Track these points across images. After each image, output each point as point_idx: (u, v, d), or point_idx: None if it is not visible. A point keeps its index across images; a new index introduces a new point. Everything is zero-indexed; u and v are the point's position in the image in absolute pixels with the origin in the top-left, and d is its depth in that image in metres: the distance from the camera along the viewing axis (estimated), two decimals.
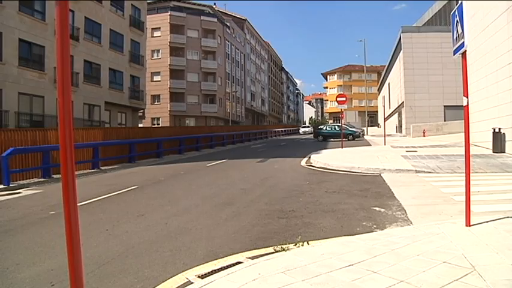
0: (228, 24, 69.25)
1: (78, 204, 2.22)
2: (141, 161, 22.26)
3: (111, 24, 33.81)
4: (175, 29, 58.14)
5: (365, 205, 8.38)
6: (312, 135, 54.84)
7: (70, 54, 2.29)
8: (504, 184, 10.69)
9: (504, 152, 18.77)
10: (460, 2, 5.86)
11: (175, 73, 58.05)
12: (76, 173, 2.09)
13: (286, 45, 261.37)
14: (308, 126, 79.18)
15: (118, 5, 35.25)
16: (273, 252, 5.31)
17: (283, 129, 69.85)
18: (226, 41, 67.00)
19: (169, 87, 57.57)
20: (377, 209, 8.00)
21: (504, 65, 19.39)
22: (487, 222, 5.93)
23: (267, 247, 5.68)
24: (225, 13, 73.72)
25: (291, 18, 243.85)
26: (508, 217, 6.12)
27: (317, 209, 8.24)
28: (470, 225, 5.76)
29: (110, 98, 33.82)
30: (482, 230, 5.56)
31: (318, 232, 6.46)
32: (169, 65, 57.66)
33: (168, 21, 57.69)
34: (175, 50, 58.45)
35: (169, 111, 57.38)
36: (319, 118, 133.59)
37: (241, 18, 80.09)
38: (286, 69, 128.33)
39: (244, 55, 78.42)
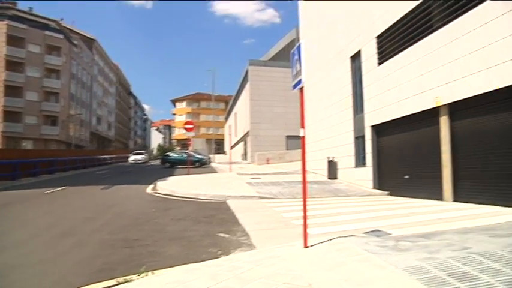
0: (75, 42, 65.65)
1: None
2: None
3: None
4: (13, 41, 53.09)
5: (210, 232, 8.49)
6: (146, 163, 53.27)
7: None
8: (336, 207, 11.79)
9: (337, 179, 20.71)
10: (299, 42, 6.42)
11: (12, 90, 52.80)
12: None
13: (136, 70, 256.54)
14: (142, 153, 58.70)
15: None
16: (116, 285, 5.07)
17: (129, 155, 66.53)
18: (73, 60, 63.36)
19: (3, 105, 52.12)
20: (222, 235, 8.16)
21: (335, 102, 21.62)
22: (321, 243, 6.43)
23: (109, 279, 5.39)
24: (73, 31, 69.78)
25: (142, 43, 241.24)
26: (338, 237, 6.72)
27: (163, 237, 8.12)
28: (307, 247, 6.19)
29: None
30: (318, 251, 6.02)
31: (163, 261, 6.34)
32: (5, 80, 52.32)
33: (5, 31, 52.47)
34: (13, 65, 53.29)
35: (2, 132, 51.85)
36: (167, 144, 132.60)
37: (90, 38, 76.65)
38: (135, 94, 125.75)
39: (91, 76, 74.92)
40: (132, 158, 54.54)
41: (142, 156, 55.97)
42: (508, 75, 10.16)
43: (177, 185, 17.74)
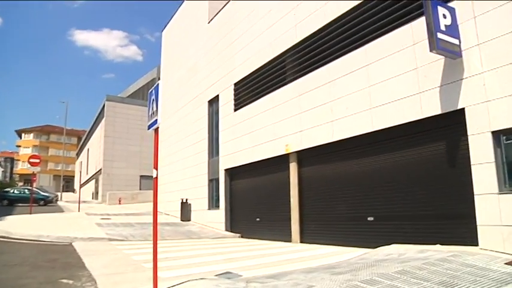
0: None
1: None
2: None
3: None
4: None
5: (52, 278, 7.76)
6: None
7: None
8: (189, 250, 11.69)
9: (190, 221, 20.66)
10: (157, 83, 6.42)
11: None
12: None
13: None
14: None
15: None
16: None
17: None
18: None
19: None
20: (65, 281, 7.51)
21: (192, 144, 21.90)
22: (172, 287, 6.28)
23: None
24: None
25: None
26: (190, 280, 6.64)
27: None
28: None
29: None
30: None
31: None
32: None
33: None
34: None
35: None
36: (8, 179, 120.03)
37: None
38: None
39: None
40: None
41: None
42: (348, 129, 11.36)
43: (15, 226, 16.00)
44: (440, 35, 8.14)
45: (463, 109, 8.29)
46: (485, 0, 8.05)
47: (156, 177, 6.31)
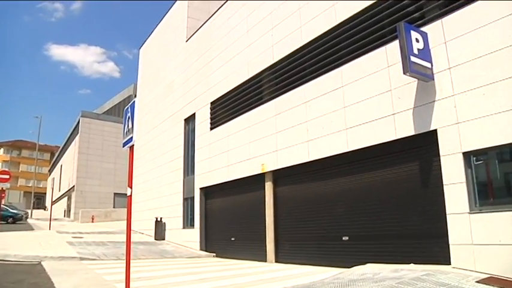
0: None
1: None
2: None
3: None
4: None
5: None
6: None
7: None
8: (163, 269, 11.50)
9: (164, 240, 20.39)
10: (133, 100, 6.38)
11: None
12: None
13: None
14: None
15: None
16: None
17: None
18: None
19: None
20: None
21: (167, 162, 21.77)
22: None
23: None
24: None
25: None
26: None
27: None
28: None
29: None
30: None
31: None
32: None
33: None
34: None
35: None
36: None
37: None
38: None
39: None
40: None
41: None
42: (324, 149, 11.46)
43: None
44: (413, 58, 8.35)
45: (435, 130, 8.47)
46: (456, 27, 8.32)
47: (130, 195, 6.23)
